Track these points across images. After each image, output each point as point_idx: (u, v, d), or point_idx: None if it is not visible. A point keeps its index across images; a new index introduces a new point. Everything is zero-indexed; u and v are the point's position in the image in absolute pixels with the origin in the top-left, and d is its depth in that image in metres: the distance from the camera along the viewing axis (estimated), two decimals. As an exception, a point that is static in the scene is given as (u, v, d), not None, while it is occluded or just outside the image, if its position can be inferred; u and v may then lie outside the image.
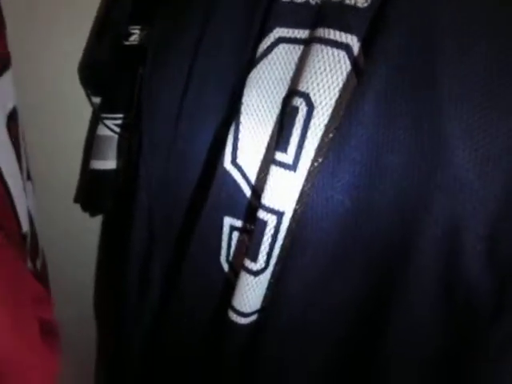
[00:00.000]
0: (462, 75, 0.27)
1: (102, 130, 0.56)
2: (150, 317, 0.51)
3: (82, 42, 0.56)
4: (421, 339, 0.33)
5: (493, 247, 0.28)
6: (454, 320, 0.31)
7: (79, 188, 0.63)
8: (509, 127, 0.27)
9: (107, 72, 0.54)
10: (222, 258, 0.42)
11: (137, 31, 0.52)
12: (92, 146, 0.58)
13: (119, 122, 0.55)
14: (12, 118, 0.37)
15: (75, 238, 0.65)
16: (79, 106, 0.58)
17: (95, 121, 0.58)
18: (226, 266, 0.42)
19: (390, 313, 0.33)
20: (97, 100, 0.57)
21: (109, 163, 0.57)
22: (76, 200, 0.63)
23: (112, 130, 0.55)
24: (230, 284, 0.41)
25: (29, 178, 0.47)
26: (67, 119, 0.59)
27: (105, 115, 0.56)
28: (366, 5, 0.31)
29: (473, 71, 0.27)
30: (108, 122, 0.55)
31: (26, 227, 0.38)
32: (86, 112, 0.60)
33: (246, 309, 0.38)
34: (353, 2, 0.31)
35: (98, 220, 0.66)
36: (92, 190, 0.60)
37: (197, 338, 0.46)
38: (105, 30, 0.54)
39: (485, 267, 0.28)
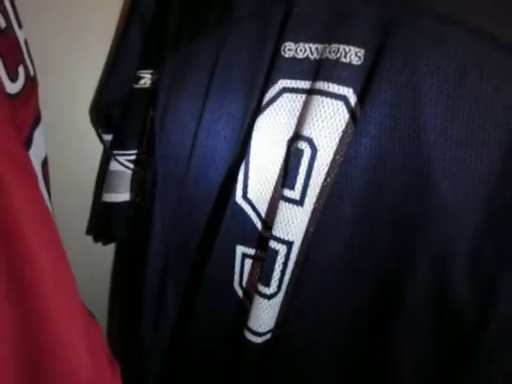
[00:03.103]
0: (444, 127, 0.32)
1: (115, 166, 0.60)
2: (165, 343, 0.55)
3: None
4: (417, 349, 0.38)
5: (475, 268, 0.33)
6: (444, 331, 0.36)
7: (91, 220, 0.67)
8: (480, 168, 0.32)
9: (117, 114, 0.58)
10: (236, 284, 0.47)
11: (147, 75, 0.56)
12: (104, 180, 0.62)
13: (132, 157, 0.59)
14: (45, 164, 0.41)
15: (89, 267, 0.69)
16: (93, 143, 0.62)
17: (107, 157, 0.62)
18: (239, 291, 0.47)
19: (390, 326, 0.38)
20: (108, 137, 0.61)
21: (121, 196, 0.61)
22: (88, 232, 0.67)
23: (124, 166, 0.59)
24: (243, 307, 0.45)
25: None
26: (80, 156, 0.63)
27: (117, 152, 0.60)
28: (359, 62, 0.37)
29: (452, 127, 0.32)
30: (120, 158, 0.59)
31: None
32: (98, 148, 0.64)
33: (262, 329, 0.43)
34: (348, 60, 0.37)
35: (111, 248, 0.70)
36: (105, 221, 0.64)
37: (213, 360, 0.50)
38: (114, 74, 0.58)
39: (469, 285, 0.33)
